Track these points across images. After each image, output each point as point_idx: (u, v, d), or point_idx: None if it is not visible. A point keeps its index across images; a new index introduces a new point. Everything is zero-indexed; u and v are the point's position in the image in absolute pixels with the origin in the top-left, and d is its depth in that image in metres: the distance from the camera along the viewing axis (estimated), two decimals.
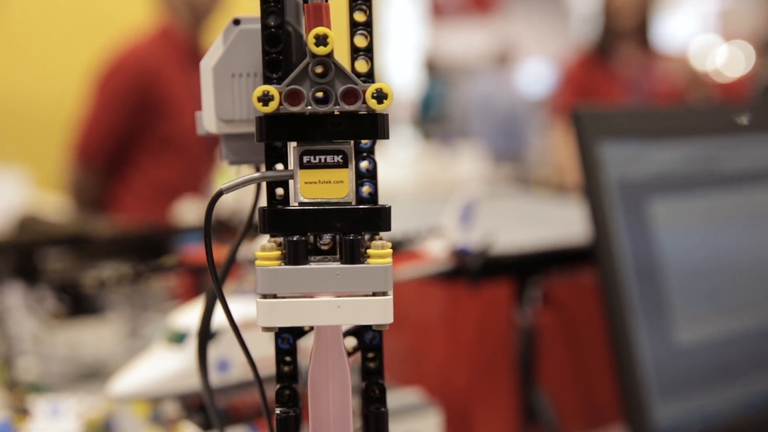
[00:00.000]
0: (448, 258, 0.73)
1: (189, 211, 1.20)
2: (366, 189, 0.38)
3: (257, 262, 0.35)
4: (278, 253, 0.35)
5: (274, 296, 0.35)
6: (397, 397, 0.67)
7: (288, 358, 0.40)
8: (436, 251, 0.73)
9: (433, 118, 4.78)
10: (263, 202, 0.39)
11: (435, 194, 1.11)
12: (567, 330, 0.84)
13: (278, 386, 0.39)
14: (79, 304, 1.01)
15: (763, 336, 0.81)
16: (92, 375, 1.00)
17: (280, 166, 0.39)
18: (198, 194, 1.59)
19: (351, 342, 0.41)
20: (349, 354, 0.41)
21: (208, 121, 0.42)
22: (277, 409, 0.39)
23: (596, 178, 0.74)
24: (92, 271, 0.71)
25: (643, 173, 0.76)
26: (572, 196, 1.21)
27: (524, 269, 0.83)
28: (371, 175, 0.38)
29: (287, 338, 0.40)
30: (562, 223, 0.94)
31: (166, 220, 1.42)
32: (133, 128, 1.86)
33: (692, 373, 0.75)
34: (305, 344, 0.53)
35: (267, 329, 0.36)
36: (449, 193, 0.77)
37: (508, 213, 1.11)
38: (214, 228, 0.87)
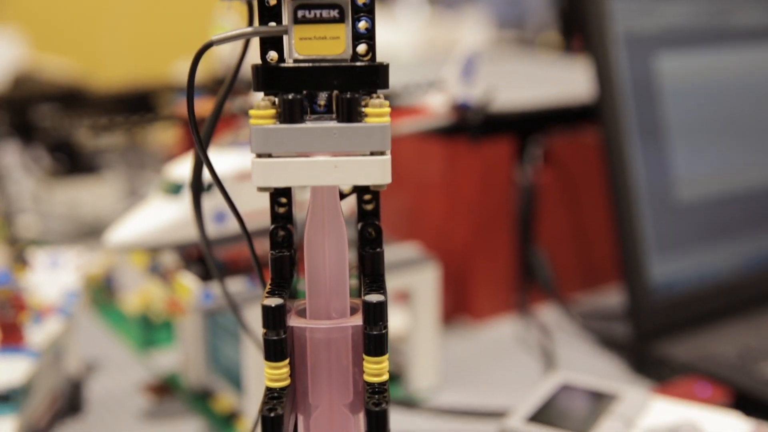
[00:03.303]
0: (448, 112, 0.71)
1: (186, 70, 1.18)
2: (363, 49, 0.36)
3: (251, 121, 0.34)
4: (273, 111, 0.34)
5: (270, 156, 0.34)
6: (395, 251, 0.67)
7: (283, 200, 0.39)
8: (437, 106, 0.71)
9: None
10: (254, 57, 0.38)
11: (437, 58, 1.08)
12: (567, 189, 0.84)
13: (272, 227, 0.39)
14: (75, 162, 1.01)
15: (763, 196, 0.80)
16: (91, 233, 1.00)
17: (273, 24, 0.37)
18: None
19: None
20: (345, 195, 0.40)
21: None
22: (271, 249, 0.38)
23: (602, 31, 0.71)
24: (86, 120, 0.69)
25: (652, 27, 0.74)
26: (577, 58, 1.19)
27: (526, 127, 0.81)
28: (369, 36, 0.36)
29: None
30: (566, 83, 0.93)
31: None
32: None
33: (691, 231, 0.75)
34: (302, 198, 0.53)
35: (262, 189, 0.35)
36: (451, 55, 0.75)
37: (511, 73, 1.09)
38: (210, 86, 0.86)
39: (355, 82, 0.35)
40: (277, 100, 0.34)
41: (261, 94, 0.35)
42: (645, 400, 0.55)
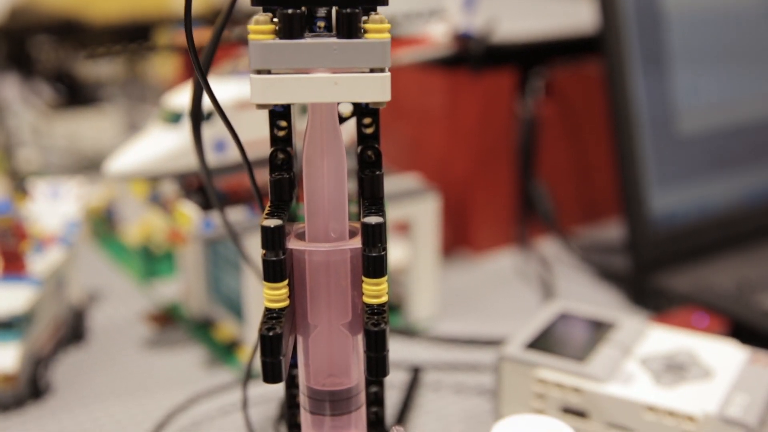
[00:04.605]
0: (450, 42, 0.71)
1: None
2: None
3: (250, 36, 0.33)
4: (272, 27, 0.33)
5: (269, 72, 0.34)
6: (395, 182, 0.67)
7: (282, 123, 0.39)
8: (438, 35, 0.70)
9: None
10: None
11: None
12: (569, 122, 0.83)
13: (272, 150, 0.38)
14: (75, 94, 1.00)
15: (765, 128, 0.80)
16: (91, 166, 1.00)
17: None
18: None
19: (347, 107, 0.40)
20: (345, 119, 0.40)
21: None
22: (270, 172, 0.38)
23: None
24: (84, 50, 0.69)
25: None
26: None
27: (528, 58, 0.81)
28: None
29: None
30: (570, 15, 0.91)
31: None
32: None
33: (692, 163, 0.75)
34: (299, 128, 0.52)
35: (261, 106, 0.35)
36: None
37: (514, 4, 1.07)
38: (208, 17, 0.84)
39: None
40: (276, 15, 0.34)
41: (260, 10, 0.35)
42: (642, 329, 0.55)
